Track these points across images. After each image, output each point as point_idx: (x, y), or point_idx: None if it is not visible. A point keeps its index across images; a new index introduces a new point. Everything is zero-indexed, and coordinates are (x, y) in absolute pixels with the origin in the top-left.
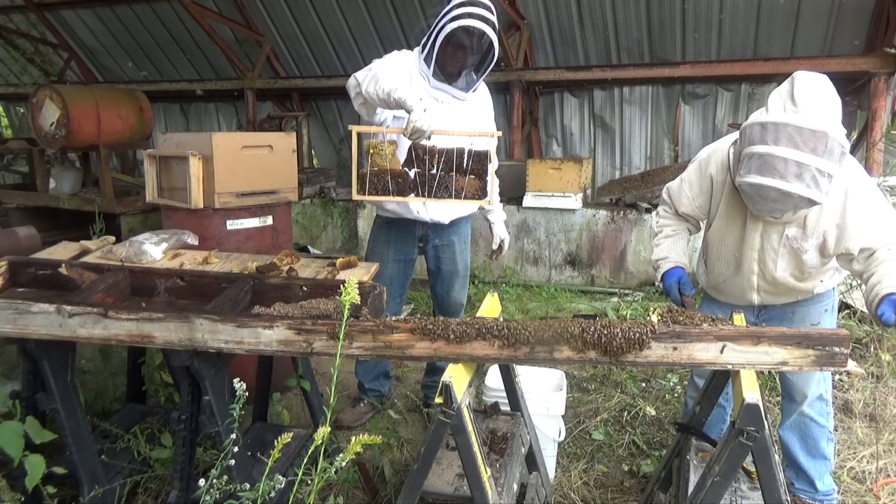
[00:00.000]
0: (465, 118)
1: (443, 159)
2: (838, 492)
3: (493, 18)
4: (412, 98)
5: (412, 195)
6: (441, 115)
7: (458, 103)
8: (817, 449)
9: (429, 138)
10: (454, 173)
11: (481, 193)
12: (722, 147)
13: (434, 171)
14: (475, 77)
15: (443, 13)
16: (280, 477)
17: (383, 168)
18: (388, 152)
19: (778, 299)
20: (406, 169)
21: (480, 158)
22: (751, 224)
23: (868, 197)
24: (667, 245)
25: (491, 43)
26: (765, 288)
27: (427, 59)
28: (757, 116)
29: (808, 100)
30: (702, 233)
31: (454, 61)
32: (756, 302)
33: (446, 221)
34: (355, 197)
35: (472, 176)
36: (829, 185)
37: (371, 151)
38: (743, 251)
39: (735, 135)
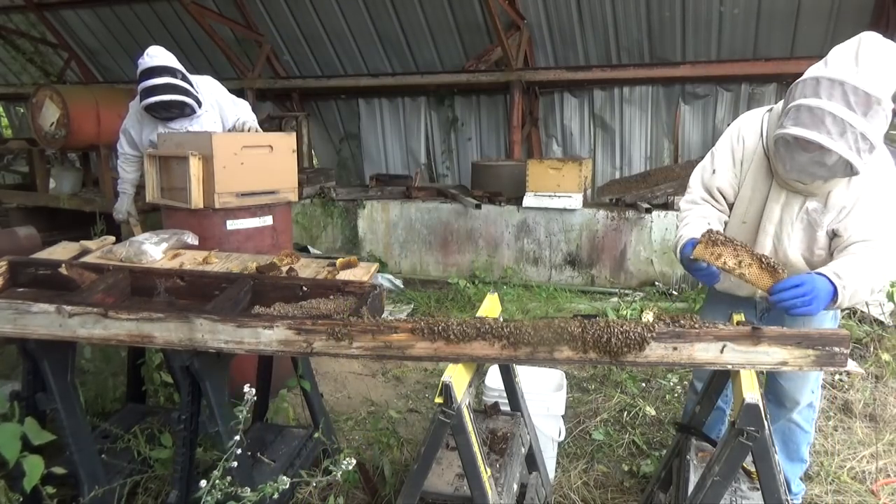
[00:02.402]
0: (210, 119)
1: None
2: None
3: (169, 78)
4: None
5: None
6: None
7: (195, 119)
8: (797, 453)
9: None
10: None
11: None
12: (754, 116)
13: None
14: (199, 98)
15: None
16: (285, 478)
17: None
18: None
19: None
20: None
21: None
22: (773, 195)
23: (885, 190)
24: (692, 222)
25: (180, 100)
26: None
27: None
28: (814, 71)
29: (871, 62)
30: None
31: (168, 112)
32: (758, 292)
33: None
34: None
35: None
36: (868, 155)
37: None
38: (761, 224)
39: (764, 108)
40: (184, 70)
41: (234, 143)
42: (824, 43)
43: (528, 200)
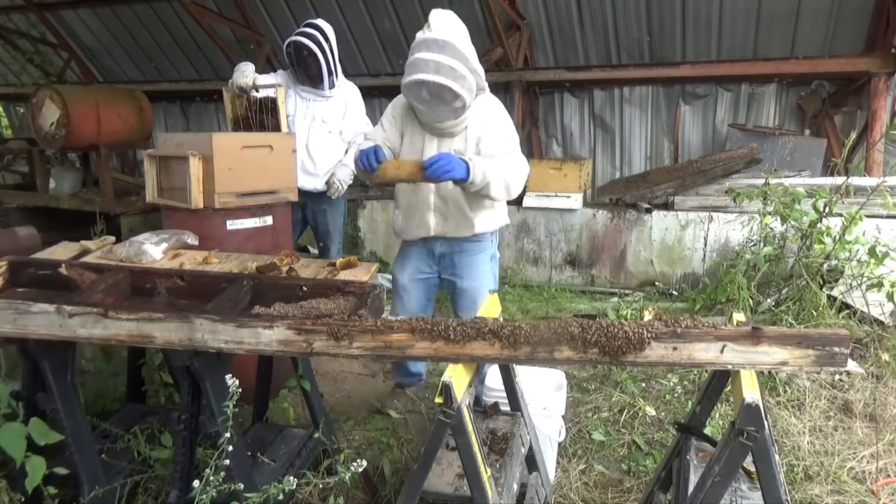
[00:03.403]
0: (333, 110)
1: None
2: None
3: (318, 34)
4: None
5: None
6: (309, 109)
7: (324, 99)
8: None
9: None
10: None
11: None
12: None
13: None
14: (333, 79)
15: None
16: (291, 479)
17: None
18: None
19: (449, 227)
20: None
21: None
22: (427, 145)
23: (502, 118)
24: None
25: (317, 52)
26: (440, 208)
27: (291, 70)
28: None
29: (437, 24)
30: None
31: (302, 68)
32: (433, 227)
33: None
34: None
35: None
36: (467, 86)
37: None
38: None
39: None
40: (335, 48)
41: (234, 143)
42: (824, 43)
43: (528, 200)
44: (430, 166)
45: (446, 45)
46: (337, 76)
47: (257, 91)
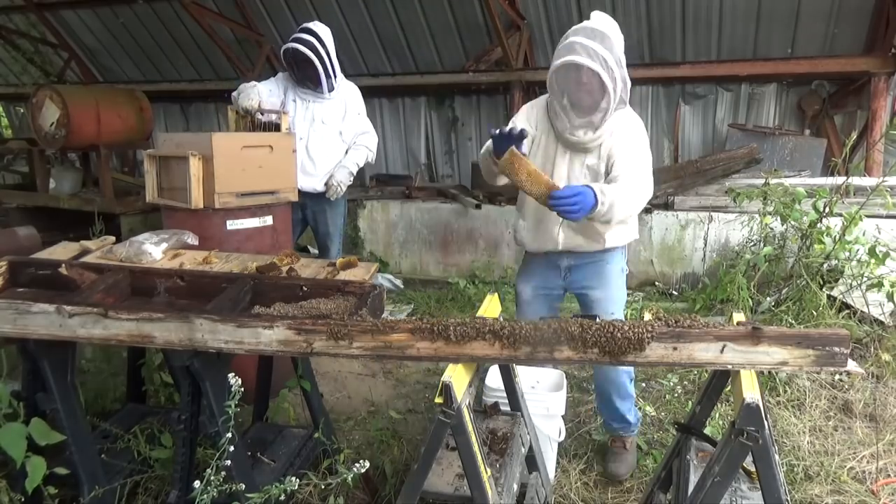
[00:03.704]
0: (333, 111)
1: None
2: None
3: (314, 39)
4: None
5: None
6: (309, 110)
7: (323, 100)
8: (625, 389)
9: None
10: None
11: None
12: (541, 98)
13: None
14: (332, 81)
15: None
16: (293, 479)
17: None
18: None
19: (577, 241)
20: None
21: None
22: (560, 157)
23: (638, 135)
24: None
25: (313, 59)
26: (570, 222)
27: (290, 73)
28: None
29: (599, 19)
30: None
31: (300, 71)
32: (561, 241)
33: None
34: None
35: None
36: (616, 88)
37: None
38: (552, 179)
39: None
40: (333, 54)
41: (234, 143)
42: (824, 43)
43: None
44: (561, 199)
45: (605, 37)
46: (336, 77)
47: (262, 115)
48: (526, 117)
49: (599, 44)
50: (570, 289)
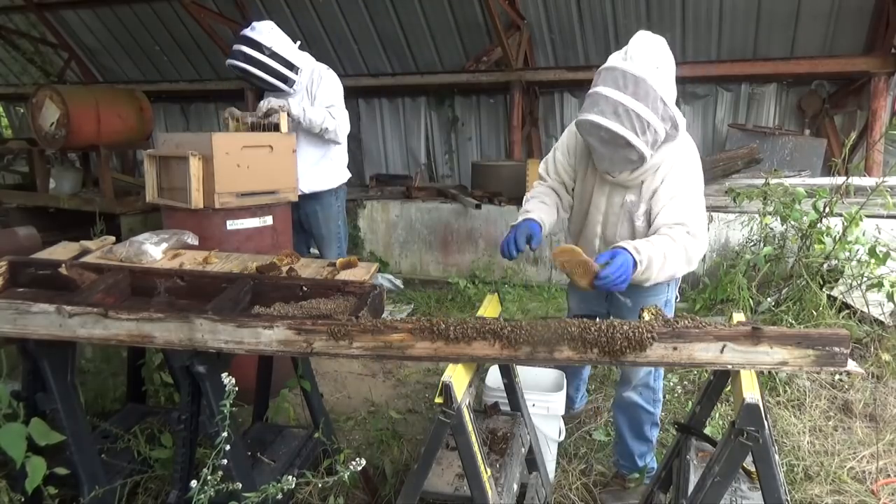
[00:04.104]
0: (300, 103)
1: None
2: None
3: (248, 49)
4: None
5: None
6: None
7: (289, 96)
8: (641, 431)
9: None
10: None
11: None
12: None
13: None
14: (288, 76)
15: None
16: (290, 478)
17: None
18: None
19: None
20: None
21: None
22: (598, 188)
23: (685, 174)
24: (532, 204)
25: (250, 69)
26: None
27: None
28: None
29: (638, 52)
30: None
31: (249, 82)
32: None
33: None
34: None
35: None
36: (651, 137)
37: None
38: (589, 211)
39: None
40: (282, 49)
41: (234, 143)
42: (824, 43)
43: None
44: (605, 279)
45: (640, 82)
46: (295, 70)
47: (268, 117)
48: (566, 145)
49: (631, 96)
50: (613, 313)
